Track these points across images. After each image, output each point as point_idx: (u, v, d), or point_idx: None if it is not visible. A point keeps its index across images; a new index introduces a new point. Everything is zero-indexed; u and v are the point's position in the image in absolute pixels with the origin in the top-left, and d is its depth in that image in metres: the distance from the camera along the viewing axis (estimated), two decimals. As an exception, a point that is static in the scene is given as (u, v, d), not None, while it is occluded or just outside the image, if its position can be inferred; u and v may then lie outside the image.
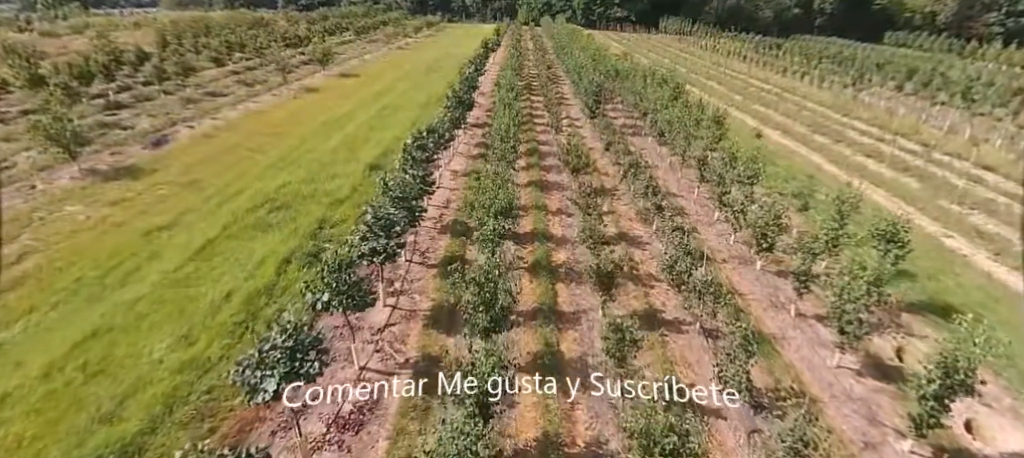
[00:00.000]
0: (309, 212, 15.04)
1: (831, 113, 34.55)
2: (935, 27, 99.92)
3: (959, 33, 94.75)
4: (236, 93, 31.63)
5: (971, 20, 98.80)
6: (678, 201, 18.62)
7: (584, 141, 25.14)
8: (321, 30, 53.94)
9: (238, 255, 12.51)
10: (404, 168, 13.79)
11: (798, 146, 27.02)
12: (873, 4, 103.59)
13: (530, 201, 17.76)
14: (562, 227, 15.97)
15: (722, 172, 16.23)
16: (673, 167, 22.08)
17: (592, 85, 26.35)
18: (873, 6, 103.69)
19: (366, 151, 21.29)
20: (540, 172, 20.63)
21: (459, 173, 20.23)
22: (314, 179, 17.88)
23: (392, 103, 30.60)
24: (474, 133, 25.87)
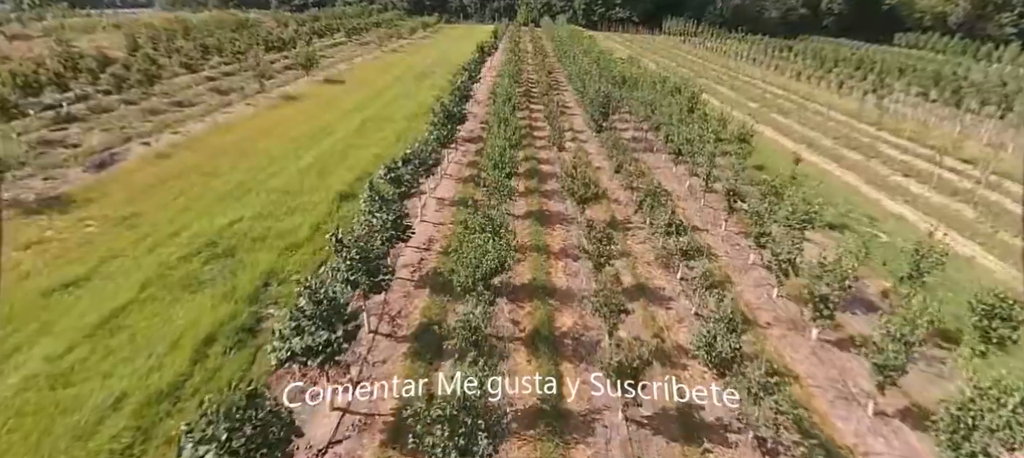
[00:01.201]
0: (255, 262, 12.22)
1: (856, 123, 31.78)
2: (946, 28, 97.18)
3: (972, 34, 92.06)
4: (207, 103, 28.82)
5: (984, 21, 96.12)
6: (702, 236, 15.82)
7: (590, 159, 22.36)
8: (309, 32, 51.09)
9: (150, 329, 9.70)
10: (370, 211, 11.00)
11: (828, 163, 24.22)
12: (882, 4, 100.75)
13: (528, 238, 14.98)
14: (567, 275, 13.17)
15: (760, 209, 13.43)
16: (693, 191, 19.28)
17: (598, 95, 23.57)
18: (882, 6, 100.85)
19: (339, 175, 18.47)
20: (540, 200, 17.83)
21: (446, 202, 17.43)
22: (271, 213, 15.07)
23: (377, 114, 27.79)
24: (466, 150, 23.07)
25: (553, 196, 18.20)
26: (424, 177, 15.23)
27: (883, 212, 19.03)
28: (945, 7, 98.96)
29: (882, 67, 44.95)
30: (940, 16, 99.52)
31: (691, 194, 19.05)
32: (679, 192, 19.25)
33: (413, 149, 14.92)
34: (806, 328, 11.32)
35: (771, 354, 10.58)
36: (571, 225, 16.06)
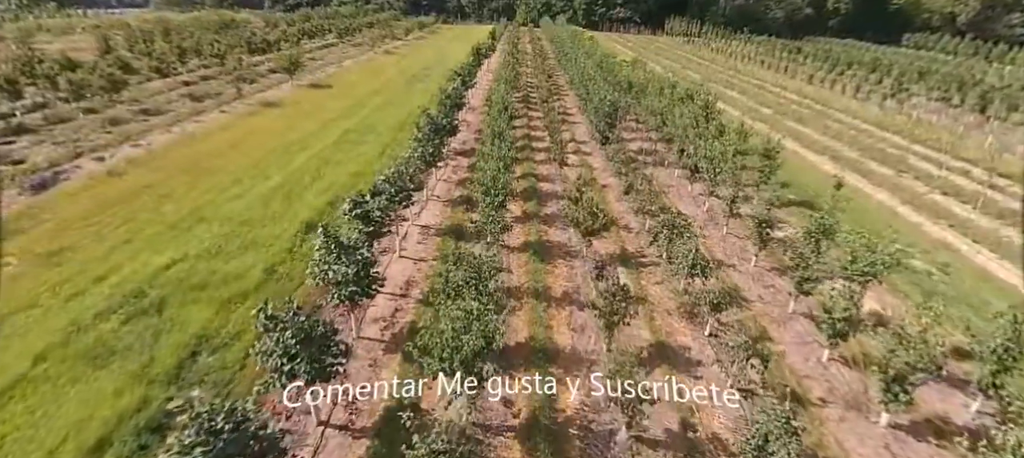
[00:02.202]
0: (187, 320, 9.93)
1: (879, 131, 29.51)
2: (955, 28, 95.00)
3: (981, 35, 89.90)
4: (178, 110, 26.53)
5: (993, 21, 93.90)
6: (729, 273, 13.56)
7: (595, 175, 20.13)
8: (297, 32, 48.74)
9: (22, 432, 7.42)
10: (324, 263, 8.72)
11: (857, 180, 21.94)
12: (890, 4, 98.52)
13: (525, 277, 12.72)
14: (572, 331, 10.90)
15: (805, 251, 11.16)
16: (714, 216, 17.01)
17: (604, 104, 21.30)
18: (890, 7, 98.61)
19: (308, 199, 16.18)
20: (540, 227, 15.55)
21: (432, 230, 15.14)
22: (221, 250, 12.78)
23: (361, 124, 25.50)
24: (458, 165, 20.79)
25: (554, 222, 15.93)
26: (404, 205, 12.95)
27: (928, 240, 16.79)
28: (954, 7, 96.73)
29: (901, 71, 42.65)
30: (948, 16, 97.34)
31: (711, 220, 16.78)
32: (697, 216, 16.98)
33: (390, 172, 12.64)
34: (874, 407, 9.06)
35: (832, 448, 8.33)
36: (575, 260, 13.79)
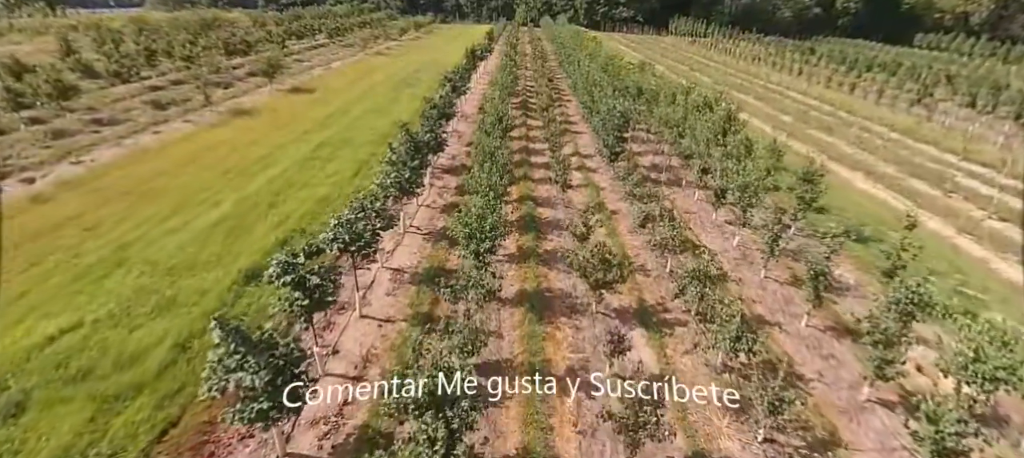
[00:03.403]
0: (46, 431, 7.20)
1: (911, 141, 26.81)
2: (967, 28, 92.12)
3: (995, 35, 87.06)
4: (137, 120, 23.83)
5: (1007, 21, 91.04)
6: (776, 337, 10.84)
7: (602, 197, 17.39)
8: (283, 33, 45.94)
9: None
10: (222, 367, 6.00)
11: (900, 202, 19.20)
12: (901, 4, 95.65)
13: (519, 347, 10.03)
14: (578, 438, 8.18)
15: (889, 326, 8.44)
16: (747, 253, 14.26)
17: (613, 116, 18.56)
18: (901, 6, 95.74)
19: (256, 235, 13.44)
20: (538, 270, 12.82)
21: (405, 276, 12.41)
22: (128, 311, 10.06)
23: (338, 136, 22.76)
24: (445, 186, 18.09)
25: (556, 261, 13.21)
26: (365, 254, 10.24)
27: (1002, 281, 14.07)
28: (967, 6, 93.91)
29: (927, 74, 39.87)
30: (961, 16, 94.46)
31: (744, 257, 14.03)
32: (726, 251, 14.26)
33: (347, 214, 9.93)
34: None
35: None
36: (582, 317, 11.08)
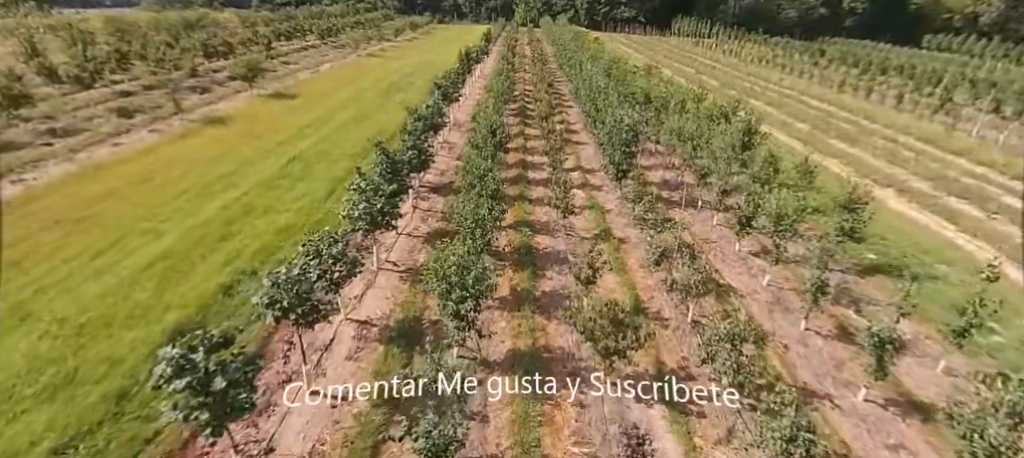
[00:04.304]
0: None
1: (940, 152, 24.71)
2: (977, 29, 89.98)
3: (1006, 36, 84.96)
4: (97, 130, 21.72)
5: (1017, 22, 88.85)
6: (828, 413, 8.72)
7: (608, 220, 15.28)
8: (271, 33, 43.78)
9: None
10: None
11: (941, 225, 17.09)
12: (909, 4, 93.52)
13: (510, 434, 7.94)
14: None
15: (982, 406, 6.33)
16: (780, 295, 12.14)
17: (621, 129, 16.43)
18: (909, 6, 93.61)
19: (196, 279, 11.28)
20: (534, 322, 10.70)
21: (374, 329, 10.27)
22: (8, 395, 7.94)
23: (316, 147, 20.63)
24: (431, 207, 15.99)
25: (556, 308, 11.09)
26: (313, 320, 8.11)
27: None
28: (977, 7, 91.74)
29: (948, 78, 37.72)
30: (970, 17, 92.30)
31: (779, 302, 11.89)
32: (756, 293, 12.15)
33: (289, 269, 7.81)
34: None
35: None
36: (589, 388, 8.98)
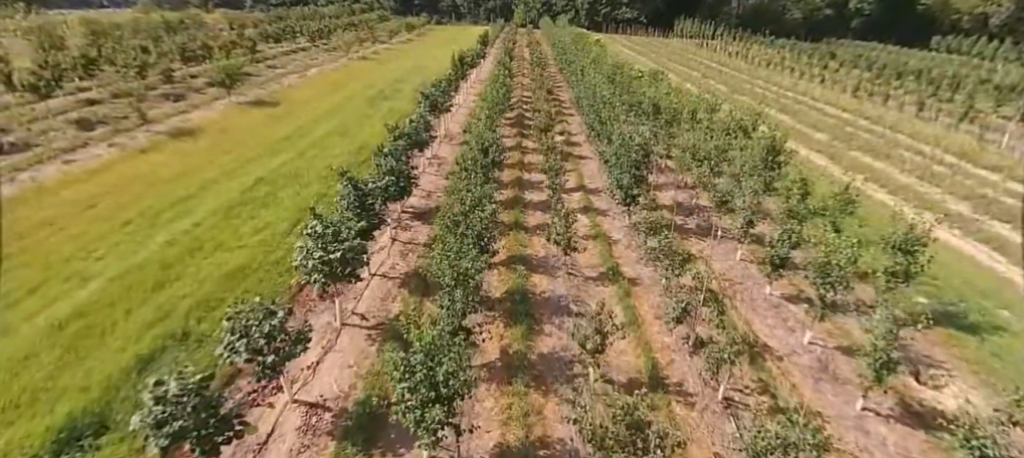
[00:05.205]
0: None
1: (975, 168, 22.65)
2: (987, 30, 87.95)
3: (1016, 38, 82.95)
4: (50, 145, 19.72)
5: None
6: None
7: (615, 254, 13.23)
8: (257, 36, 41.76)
9: None
10: None
11: (991, 257, 15.06)
12: (917, 5, 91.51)
13: None
14: None
15: None
16: (824, 359, 10.10)
17: (629, 149, 14.40)
18: (916, 7, 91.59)
19: (110, 347, 9.22)
20: (529, 399, 8.66)
21: (326, 418, 8.23)
22: None
23: (288, 165, 18.59)
24: (412, 238, 13.96)
25: (556, 379, 9.07)
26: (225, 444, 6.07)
27: None
28: (986, 8, 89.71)
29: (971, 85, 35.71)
30: (980, 18, 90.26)
31: (825, 369, 9.85)
32: (796, 354, 10.11)
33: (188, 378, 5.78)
34: None
35: None
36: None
